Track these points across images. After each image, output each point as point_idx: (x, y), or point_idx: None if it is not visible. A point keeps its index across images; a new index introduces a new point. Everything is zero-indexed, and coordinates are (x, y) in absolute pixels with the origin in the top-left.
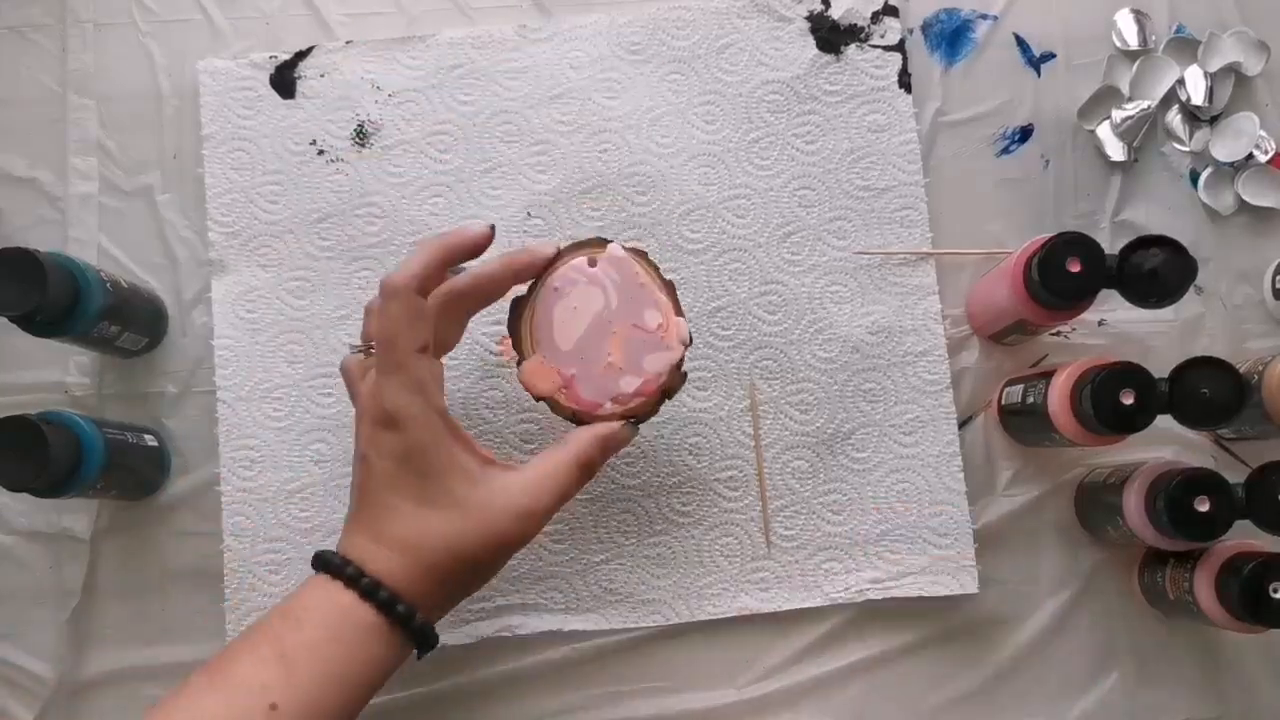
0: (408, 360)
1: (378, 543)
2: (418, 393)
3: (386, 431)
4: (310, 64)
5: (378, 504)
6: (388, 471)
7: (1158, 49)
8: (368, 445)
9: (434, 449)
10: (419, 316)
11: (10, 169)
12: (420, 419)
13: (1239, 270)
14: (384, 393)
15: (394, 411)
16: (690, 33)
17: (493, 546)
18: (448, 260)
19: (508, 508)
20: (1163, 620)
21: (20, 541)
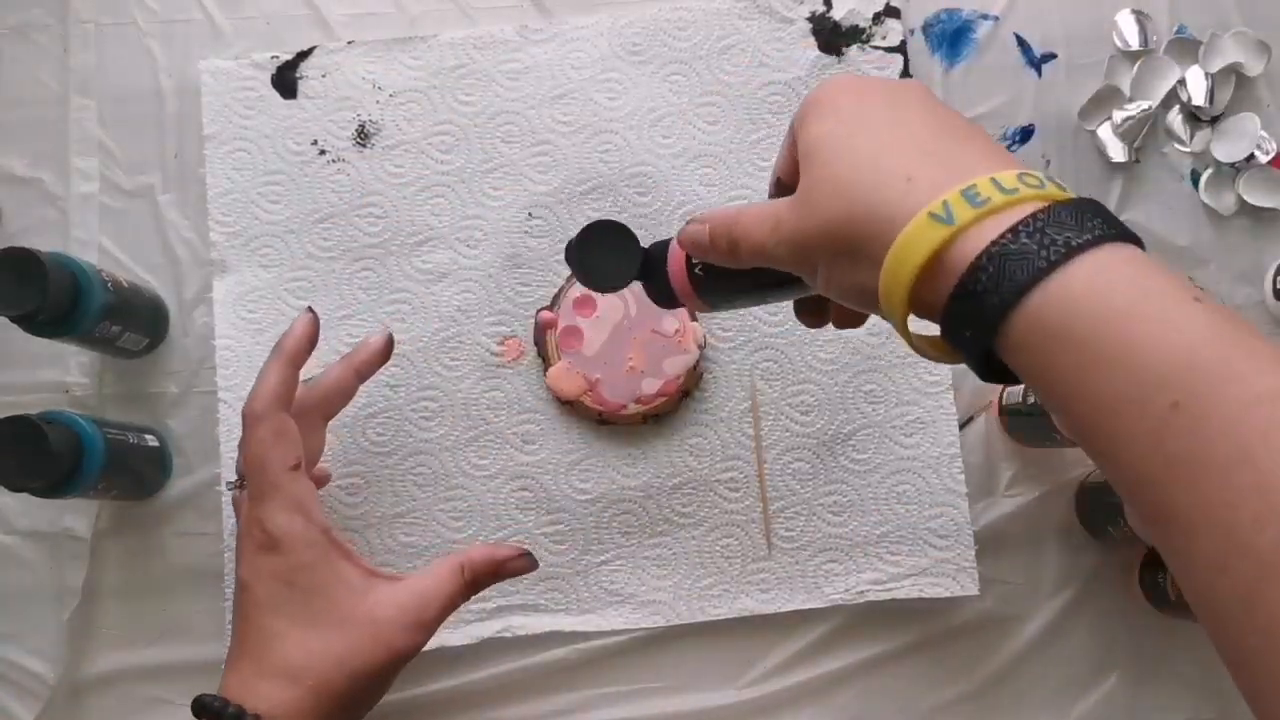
0: (281, 480)
1: (261, 675)
2: (297, 511)
3: (267, 555)
4: (312, 64)
5: (261, 631)
6: (271, 595)
7: (1159, 49)
8: (248, 572)
9: (318, 567)
10: (284, 434)
11: (11, 169)
12: (302, 538)
13: (1240, 271)
14: (263, 516)
15: (275, 534)
16: (692, 33)
17: (383, 660)
18: (295, 366)
19: (395, 619)
20: (1164, 621)
21: (21, 541)
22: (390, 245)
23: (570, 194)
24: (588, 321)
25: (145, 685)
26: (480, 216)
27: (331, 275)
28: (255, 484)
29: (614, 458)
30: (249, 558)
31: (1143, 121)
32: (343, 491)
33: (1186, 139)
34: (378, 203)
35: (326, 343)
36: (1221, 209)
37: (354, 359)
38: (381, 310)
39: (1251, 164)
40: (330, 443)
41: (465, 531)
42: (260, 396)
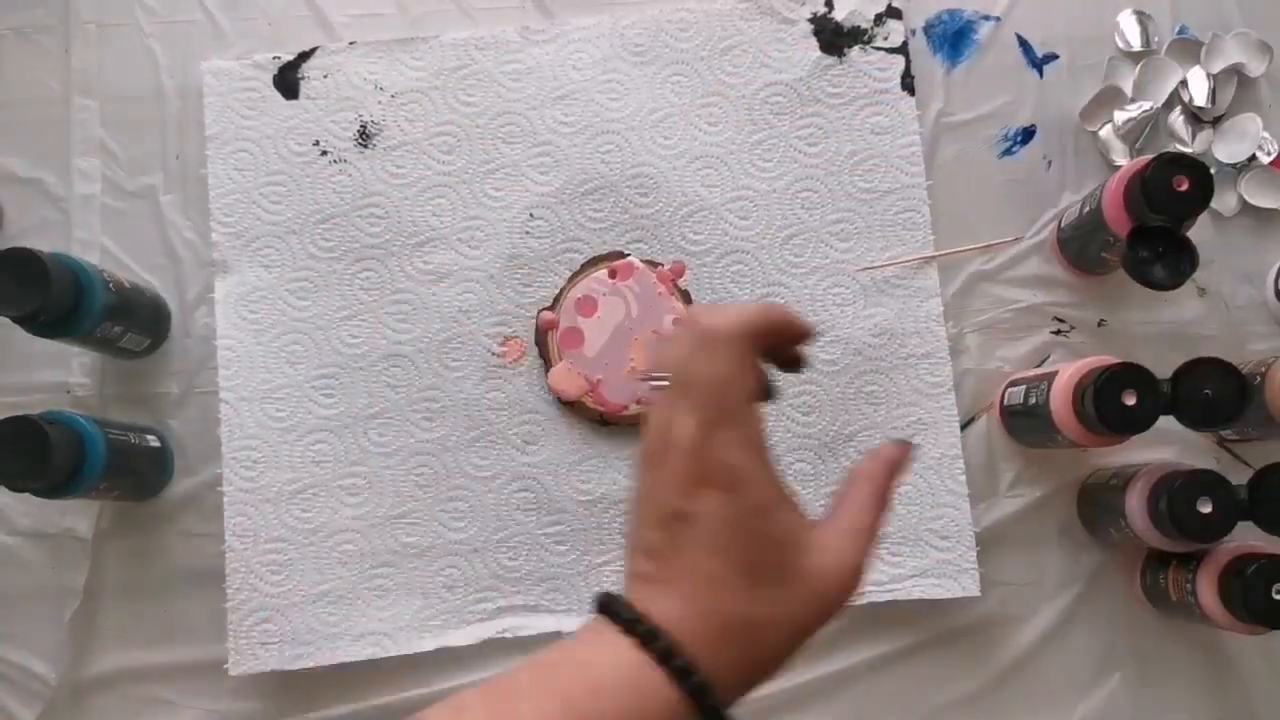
0: (744, 411)
1: (691, 617)
2: (756, 450)
3: (720, 492)
4: (313, 65)
5: (697, 571)
6: (716, 536)
7: (1160, 50)
8: (690, 502)
9: (773, 514)
10: (753, 366)
11: (14, 170)
12: (760, 480)
13: (1242, 271)
14: (717, 447)
15: (732, 470)
16: (693, 34)
17: (827, 616)
18: (770, 332)
19: (838, 578)
20: (1165, 621)
21: (22, 542)
22: (392, 246)
23: (571, 195)
24: (589, 322)
25: (146, 685)
26: (481, 217)
27: (333, 276)
28: (714, 410)
29: (615, 458)
30: (691, 487)
31: (1144, 122)
32: (344, 492)
33: (1188, 140)
34: (379, 203)
35: (328, 342)
36: (1223, 209)
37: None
38: (383, 310)
39: (1253, 165)
40: (331, 443)
41: (466, 532)
42: (735, 321)
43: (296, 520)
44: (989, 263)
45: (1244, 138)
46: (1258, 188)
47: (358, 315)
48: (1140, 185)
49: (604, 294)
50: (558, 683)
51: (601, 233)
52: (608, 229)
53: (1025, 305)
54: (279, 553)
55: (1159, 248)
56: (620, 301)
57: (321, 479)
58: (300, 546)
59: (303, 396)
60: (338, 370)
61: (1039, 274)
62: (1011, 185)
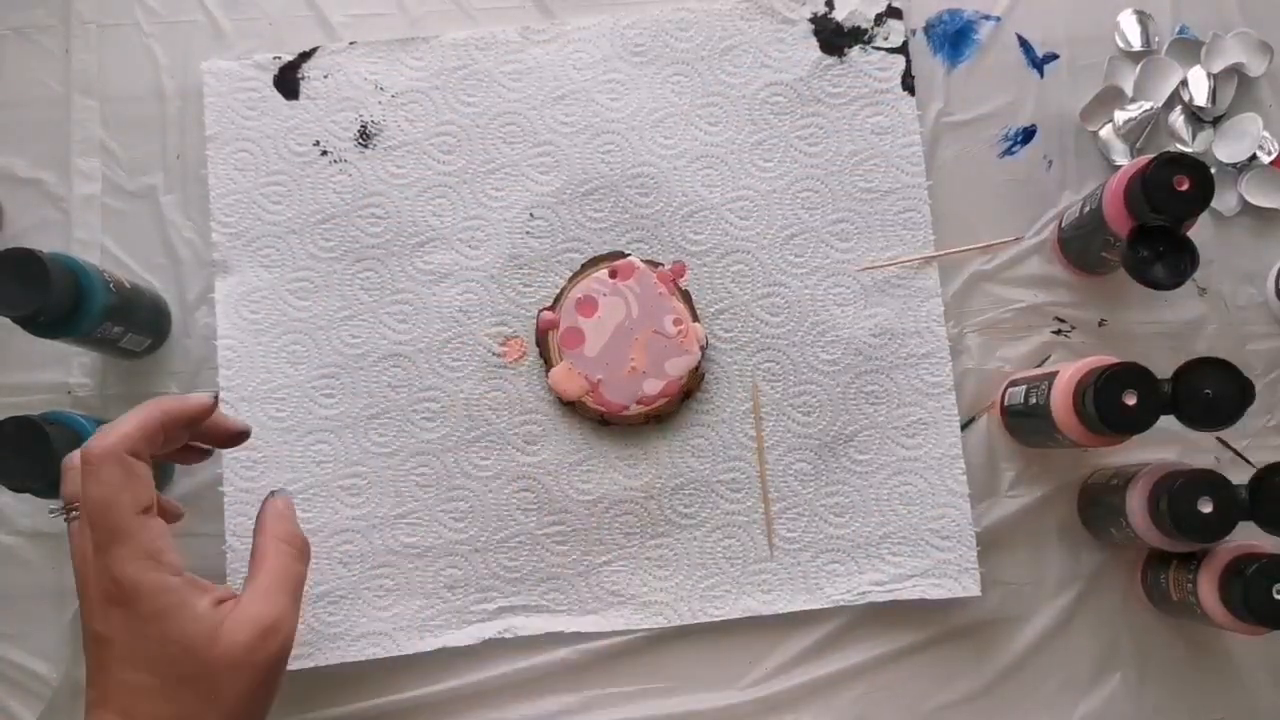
0: (130, 524)
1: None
2: (148, 559)
3: (120, 608)
4: (314, 65)
5: (125, 685)
6: (130, 649)
7: (1161, 50)
8: (102, 625)
9: (175, 614)
10: (135, 475)
11: (14, 170)
12: (156, 588)
13: (1242, 271)
14: (113, 564)
15: (127, 585)
16: (693, 34)
17: (256, 683)
18: (165, 428)
19: (256, 642)
20: (1166, 621)
21: (23, 542)
22: (392, 246)
23: (572, 195)
24: (589, 322)
25: None
26: (482, 217)
27: (333, 276)
28: (101, 531)
29: (616, 458)
30: (100, 609)
31: (1145, 122)
32: (345, 492)
33: (1188, 139)
34: (379, 203)
35: (329, 343)
36: (1224, 209)
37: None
38: (383, 311)
39: (1254, 164)
40: (332, 443)
41: (467, 532)
42: (111, 435)
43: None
44: (989, 263)
45: (1244, 137)
46: (1258, 187)
47: (358, 315)
48: (1141, 185)
49: (604, 294)
50: None
51: (602, 233)
52: (608, 229)
53: (1026, 305)
54: None
55: (1159, 247)
56: (620, 301)
57: (322, 479)
58: None
59: (303, 397)
60: (338, 370)
61: (1039, 274)
62: (1012, 185)
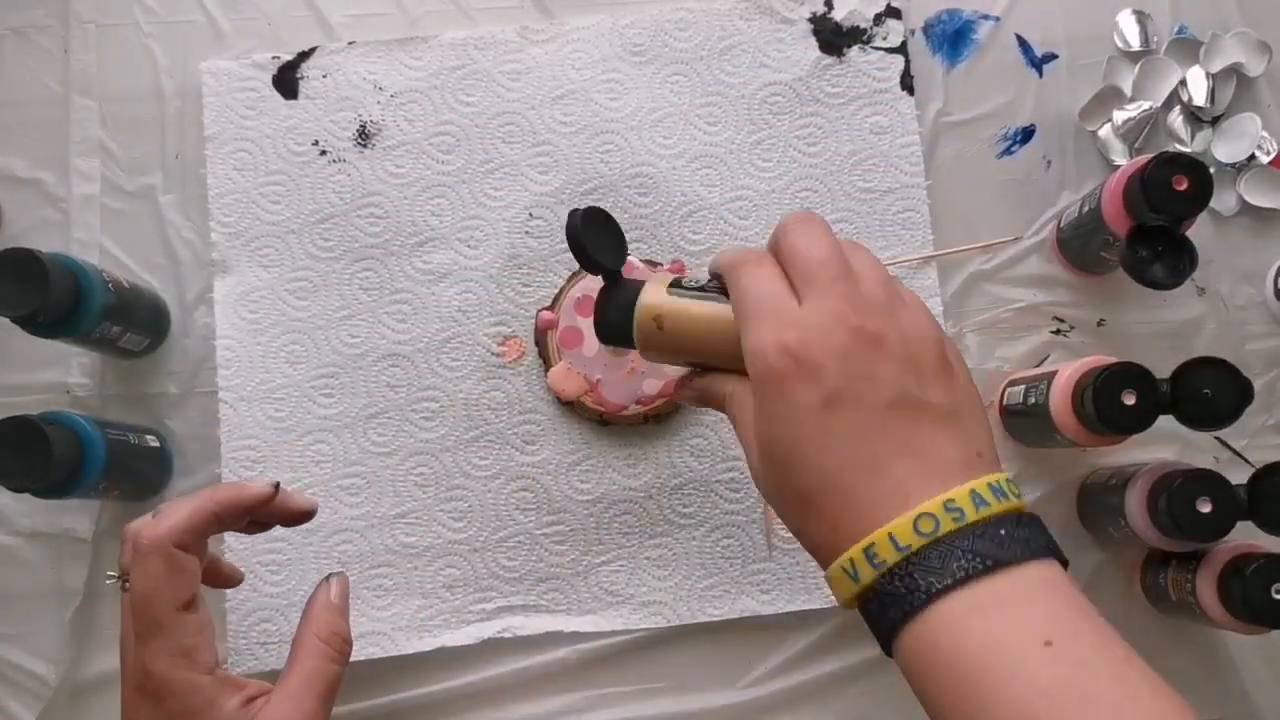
0: (169, 620)
1: None
2: (181, 657)
3: (147, 700)
4: (313, 64)
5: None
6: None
7: (1159, 50)
8: (132, 711)
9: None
10: (180, 570)
11: (13, 170)
12: (185, 687)
13: (1241, 271)
14: (147, 658)
15: (157, 680)
16: (692, 34)
17: None
18: (220, 520)
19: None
20: (1165, 621)
21: (22, 542)
22: (391, 245)
23: (571, 194)
24: (588, 322)
25: None
26: (481, 217)
27: (332, 275)
28: (141, 622)
29: (614, 458)
30: (131, 697)
31: (1143, 122)
32: (344, 492)
33: (1187, 139)
34: (379, 203)
35: (327, 342)
36: (1222, 209)
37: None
38: (382, 310)
39: (1252, 164)
40: (331, 443)
41: (466, 532)
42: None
43: None
44: (988, 262)
45: (1243, 137)
46: (1257, 187)
47: (357, 315)
48: (1140, 185)
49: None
50: None
51: None
52: None
53: (1025, 305)
54: (279, 553)
55: (1158, 247)
56: None
57: (321, 479)
58: (300, 546)
59: (302, 396)
60: (337, 370)
61: (1038, 273)
62: (1011, 185)
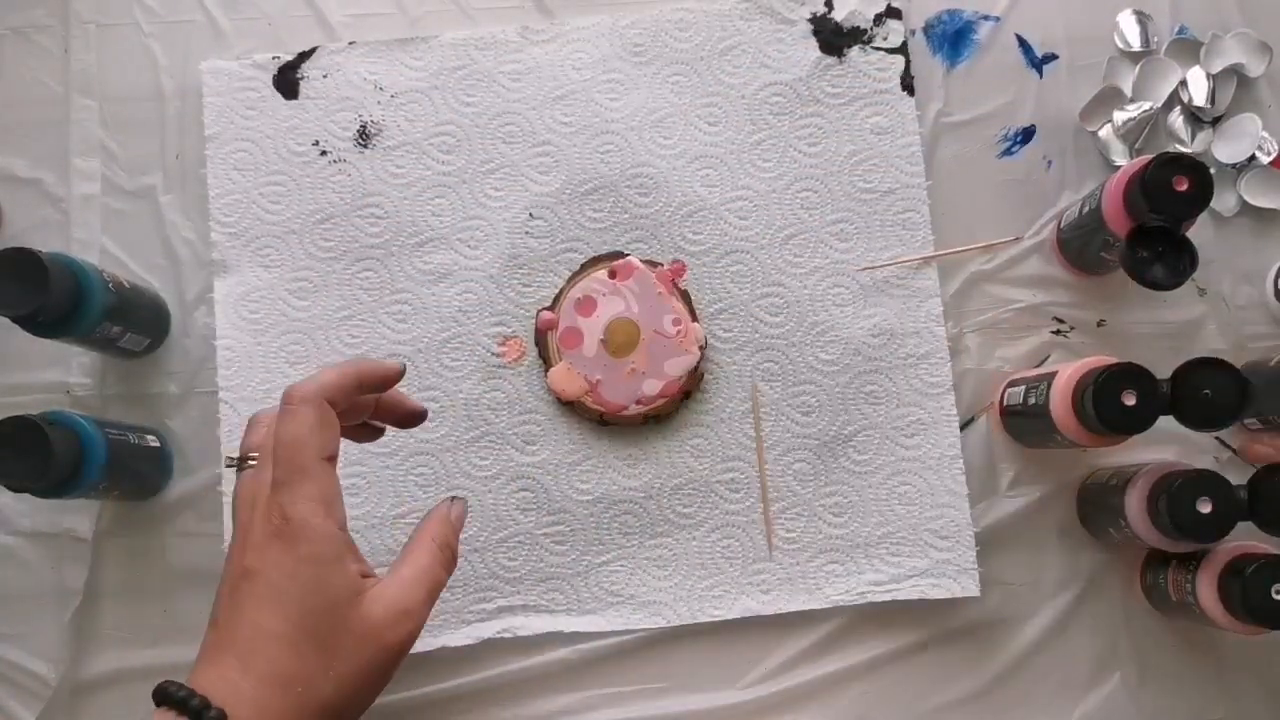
0: (314, 467)
1: (247, 677)
2: (322, 503)
3: (282, 543)
4: (313, 64)
5: (256, 627)
6: (274, 588)
7: (1160, 50)
8: (256, 559)
9: (329, 566)
10: (329, 424)
11: (13, 170)
12: (322, 534)
13: (1241, 271)
14: (286, 502)
15: (296, 521)
16: (693, 34)
17: (375, 666)
18: (360, 385)
19: (385, 621)
20: (1165, 622)
21: (22, 542)
22: (391, 246)
23: (571, 194)
24: (589, 321)
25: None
26: (481, 217)
27: (332, 275)
28: (285, 467)
29: (615, 458)
30: (260, 542)
31: (1144, 122)
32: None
33: (1188, 140)
34: (379, 203)
35: (327, 342)
36: (1223, 210)
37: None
38: (383, 310)
39: (1253, 165)
40: None
41: (466, 532)
42: (312, 384)
43: None
44: (988, 262)
45: (1243, 138)
46: (1257, 188)
47: (357, 315)
48: (1140, 185)
49: (604, 294)
50: None
51: (601, 233)
52: (607, 229)
53: (1025, 305)
54: None
55: (1159, 248)
56: (620, 301)
57: None
58: None
59: None
60: None
61: (1039, 274)
62: (1011, 185)
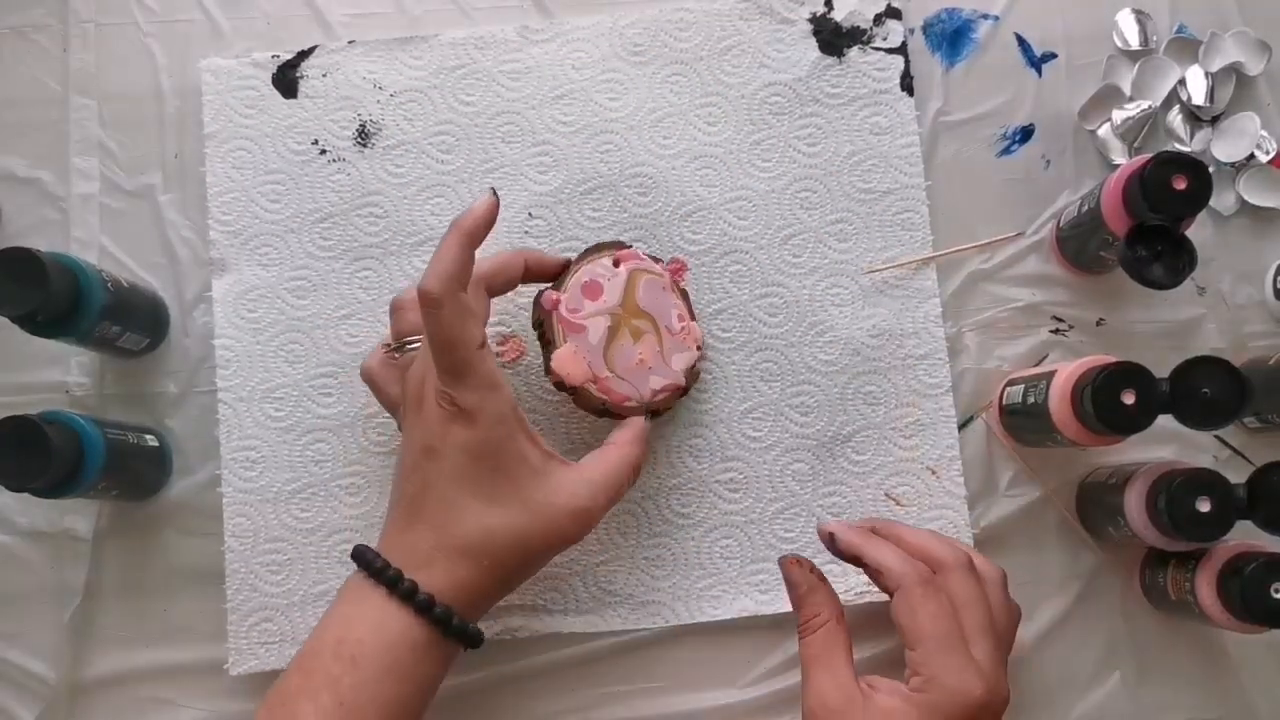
0: (473, 359)
1: (439, 548)
2: (490, 388)
3: (460, 426)
4: (312, 63)
5: (445, 501)
6: (458, 466)
7: (1159, 49)
8: (437, 439)
9: (506, 444)
10: (470, 314)
11: (12, 169)
12: (495, 415)
13: (1240, 270)
14: (455, 393)
15: (469, 408)
16: (692, 34)
17: (553, 544)
18: (473, 246)
19: (568, 506)
20: (1164, 621)
21: (21, 541)
22: (390, 245)
23: (570, 194)
24: (595, 305)
25: (146, 685)
26: None
27: (331, 275)
28: (446, 362)
29: None
30: (438, 426)
31: (1143, 121)
32: (344, 492)
33: (1187, 139)
34: (378, 202)
35: (327, 341)
36: (1222, 208)
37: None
38: (381, 310)
39: (1252, 163)
40: (331, 443)
41: None
42: (438, 276)
43: (296, 520)
44: (987, 261)
45: (1242, 136)
46: (1256, 186)
47: (356, 314)
48: (1139, 184)
49: (608, 279)
50: (322, 671)
51: (600, 232)
52: (607, 228)
53: (1024, 304)
54: (279, 552)
55: (1157, 247)
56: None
57: (321, 478)
58: (300, 546)
59: (302, 396)
60: (337, 369)
61: (1037, 273)
62: (1010, 184)
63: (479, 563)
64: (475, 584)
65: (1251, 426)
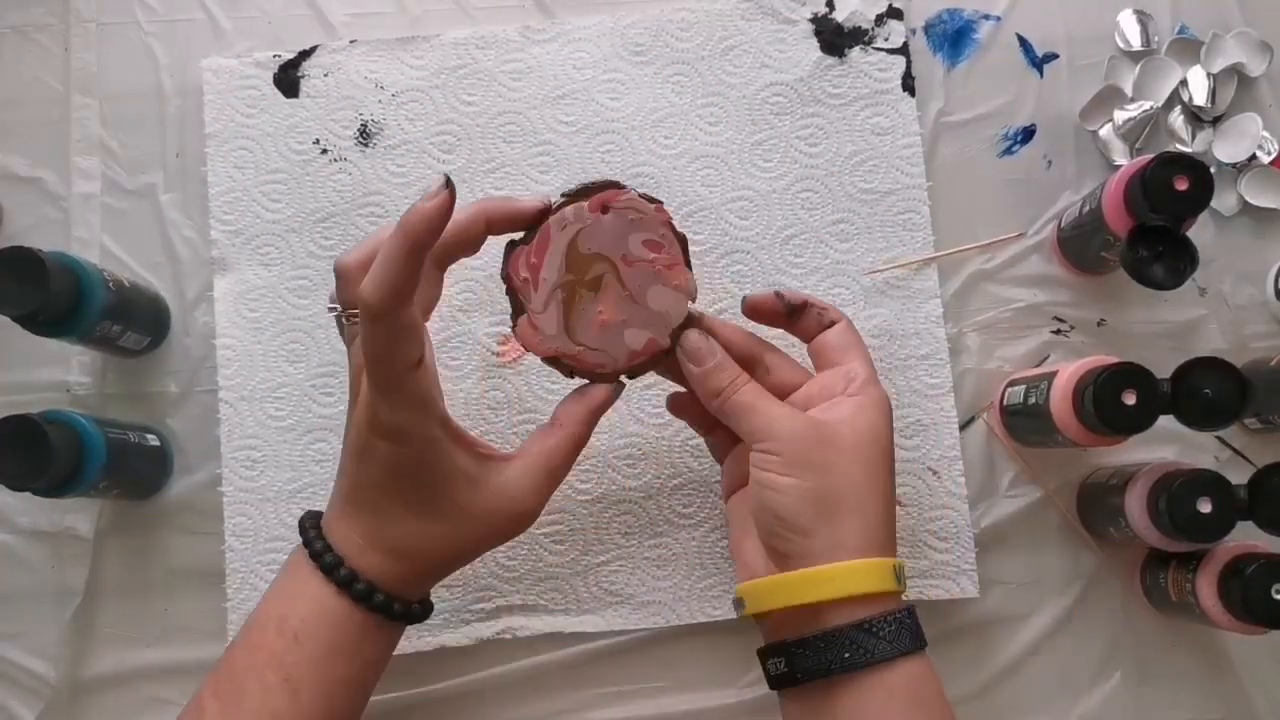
0: (403, 378)
1: (372, 546)
2: (416, 409)
3: (384, 442)
4: (314, 63)
5: (374, 506)
6: (387, 479)
7: (1160, 50)
8: (364, 449)
9: (435, 462)
10: (409, 332)
11: (13, 169)
12: (419, 435)
13: (1242, 271)
14: (382, 410)
15: (392, 427)
16: (694, 34)
17: (492, 544)
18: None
19: (507, 511)
20: (1165, 621)
21: (22, 541)
22: None
23: None
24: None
25: (146, 685)
26: None
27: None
28: (377, 377)
29: (614, 458)
30: (366, 432)
31: (1144, 122)
32: None
33: (1188, 139)
34: (379, 202)
35: (327, 341)
36: (1223, 209)
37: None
38: None
39: (1253, 164)
40: (331, 442)
41: None
42: (380, 286)
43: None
44: (989, 262)
45: (1244, 137)
46: (1258, 187)
47: None
48: (1140, 185)
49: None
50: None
51: None
52: None
53: (1025, 305)
54: (279, 552)
55: (1159, 247)
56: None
57: (321, 478)
58: None
59: (303, 395)
60: (337, 369)
61: (1039, 273)
62: (1011, 185)
63: (413, 563)
64: (412, 575)
65: (1252, 427)
